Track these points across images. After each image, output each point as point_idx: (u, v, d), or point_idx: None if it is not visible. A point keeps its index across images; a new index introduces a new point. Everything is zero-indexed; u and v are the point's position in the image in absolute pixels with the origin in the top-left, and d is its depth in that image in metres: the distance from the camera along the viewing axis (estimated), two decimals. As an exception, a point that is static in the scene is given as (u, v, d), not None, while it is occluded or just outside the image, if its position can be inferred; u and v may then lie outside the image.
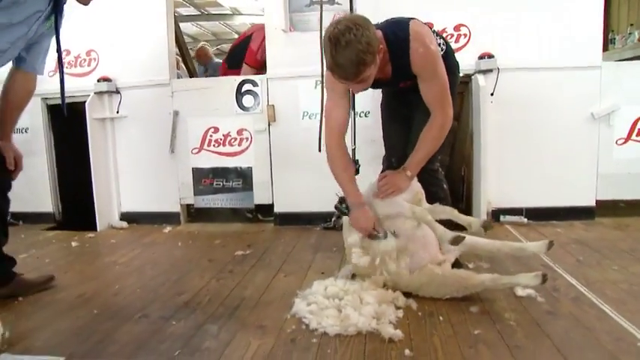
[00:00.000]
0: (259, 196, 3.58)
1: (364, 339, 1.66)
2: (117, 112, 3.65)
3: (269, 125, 3.46)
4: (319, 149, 2.64)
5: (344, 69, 1.85)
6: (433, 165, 2.33)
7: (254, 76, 3.51)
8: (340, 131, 2.19)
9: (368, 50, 1.81)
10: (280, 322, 1.83)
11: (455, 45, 3.18)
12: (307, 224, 3.43)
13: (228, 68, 4.03)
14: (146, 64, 3.58)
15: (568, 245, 2.70)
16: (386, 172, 2.21)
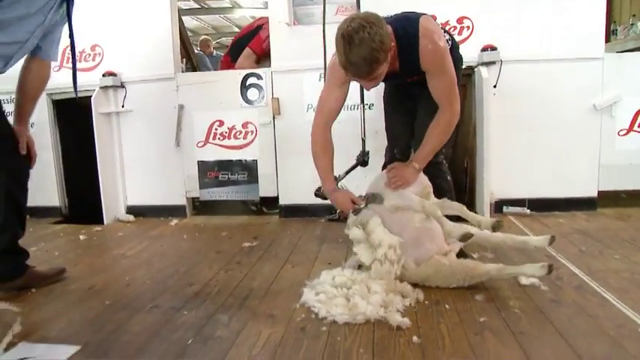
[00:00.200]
0: (264, 189, 3.62)
1: (373, 327, 1.70)
2: (122, 107, 3.68)
3: (274, 118, 3.49)
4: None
5: (357, 67, 1.87)
6: (438, 158, 2.36)
7: (258, 70, 3.54)
8: (328, 119, 2.23)
9: (381, 48, 1.82)
10: (290, 312, 1.87)
11: (458, 37, 3.20)
12: (312, 216, 3.47)
13: (231, 61, 4.03)
14: (151, 59, 3.60)
15: (570, 235, 2.74)
16: (395, 164, 2.23)
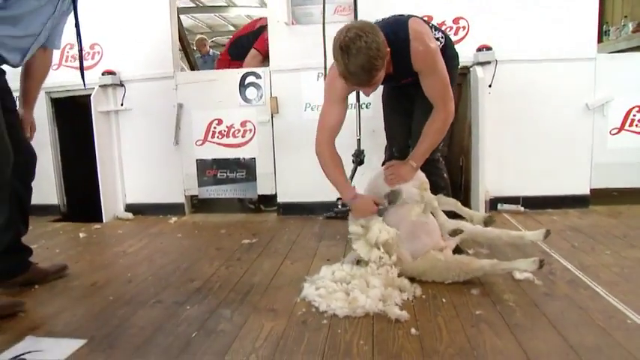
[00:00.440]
0: (262, 187, 3.65)
1: (372, 320, 1.75)
2: (121, 105, 3.70)
3: (272, 117, 3.53)
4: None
5: (357, 76, 1.92)
6: (435, 155, 2.41)
7: (257, 69, 3.57)
8: (331, 132, 2.25)
9: (378, 56, 1.88)
10: (291, 306, 1.91)
11: (454, 37, 3.24)
12: (310, 214, 3.52)
13: (231, 60, 4.06)
14: (150, 57, 3.62)
15: (563, 232, 2.80)
16: (392, 162, 2.29)
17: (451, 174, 3.36)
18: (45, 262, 2.48)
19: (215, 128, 3.63)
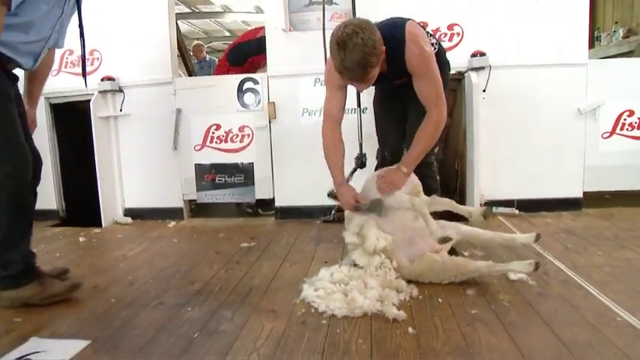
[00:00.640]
0: (260, 191, 3.69)
1: (370, 319, 1.79)
2: (120, 111, 3.74)
3: (270, 122, 3.57)
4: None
5: (352, 71, 1.97)
6: (430, 158, 2.46)
7: (255, 75, 3.62)
8: (334, 118, 2.33)
9: (373, 53, 1.93)
10: (290, 307, 1.95)
11: (448, 43, 3.33)
12: (307, 218, 3.56)
13: (230, 66, 4.10)
14: (149, 63, 3.67)
15: (557, 234, 2.86)
16: (383, 170, 2.32)
17: (446, 178, 3.44)
18: (46, 266, 2.49)
19: (213, 133, 3.67)
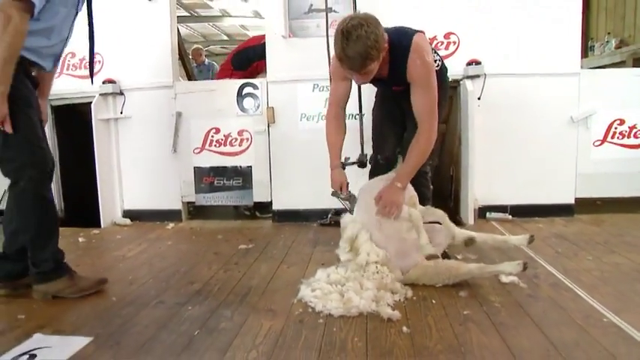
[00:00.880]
0: (258, 194, 3.74)
1: (365, 319, 1.85)
2: (121, 113, 3.78)
3: (268, 126, 3.63)
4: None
5: (352, 60, 2.05)
6: (425, 168, 2.53)
7: (254, 80, 3.68)
8: (338, 104, 2.48)
9: (375, 46, 2.01)
10: (288, 306, 2.00)
11: (445, 52, 3.40)
12: (304, 221, 3.61)
13: (234, 70, 4.16)
14: (150, 67, 3.72)
15: (548, 239, 2.92)
16: (380, 191, 2.30)
17: (441, 183, 3.50)
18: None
19: (213, 137, 3.72)
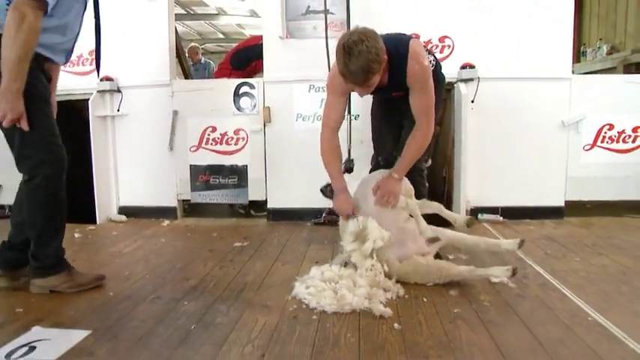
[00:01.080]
0: (253, 193, 3.78)
1: (358, 316, 1.89)
2: (118, 111, 3.81)
3: (264, 126, 3.67)
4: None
5: (355, 76, 2.10)
6: (421, 165, 2.62)
7: (251, 79, 3.72)
8: (334, 127, 2.47)
9: (376, 60, 2.07)
10: (282, 303, 2.05)
11: (439, 55, 3.45)
12: (299, 220, 3.65)
13: (233, 69, 4.20)
14: (148, 65, 3.76)
15: (538, 240, 2.99)
16: (378, 181, 2.40)
17: (434, 184, 3.54)
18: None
19: (209, 135, 3.76)
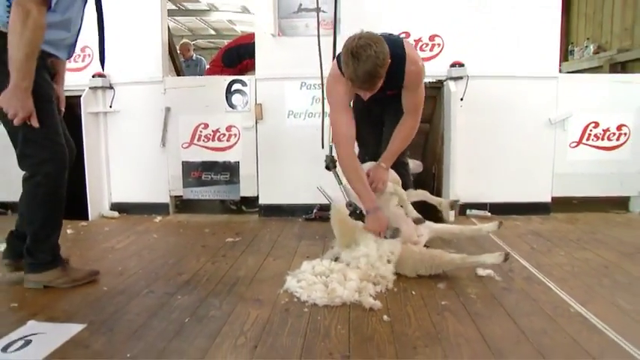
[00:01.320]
0: (245, 189, 3.81)
1: (348, 308, 1.94)
2: (110, 107, 3.81)
3: (256, 123, 3.70)
4: (322, 146, 3.07)
5: (363, 80, 2.15)
6: (404, 158, 2.76)
7: (243, 77, 3.75)
8: (350, 143, 2.42)
9: (383, 65, 2.13)
10: (274, 296, 2.09)
11: (429, 53, 3.52)
12: (290, 216, 3.70)
13: (225, 67, 4.23)
14: (140, 62, 3.77)
15: (525, 236, 3.06)
16: (368, 170, 2.52)
17: (424, 180, 3.61)
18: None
19: (201, 132, 3.78)
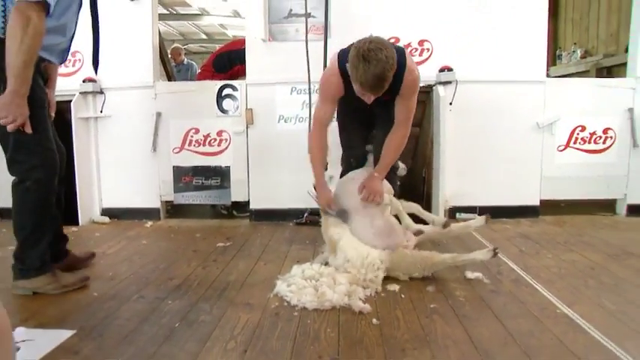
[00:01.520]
0: (236, 194, 3.82)
1: (338, 312, 1.96)
2: (100, 112, 3.81)
3: (247, 127, 3.71)
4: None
5: (372, 84, 2.16)
6: (396, 164, 2.76)
7: (234, 81, 3.76)
8: (323, 125, 2.55)
9: (391, 69, 2.15)
10: (264, 300, 2.10)
11: (419, 58, 3.56)
12: (281, 220, 3.70)
13: (216, 72, 4.24)
14: (131, 67, 3.76)
15: (514, 238, 3.09)
16: (363, 182, 2.52)
17: (414, 184, 3.64)
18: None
19: (192, 137, 3.78)
